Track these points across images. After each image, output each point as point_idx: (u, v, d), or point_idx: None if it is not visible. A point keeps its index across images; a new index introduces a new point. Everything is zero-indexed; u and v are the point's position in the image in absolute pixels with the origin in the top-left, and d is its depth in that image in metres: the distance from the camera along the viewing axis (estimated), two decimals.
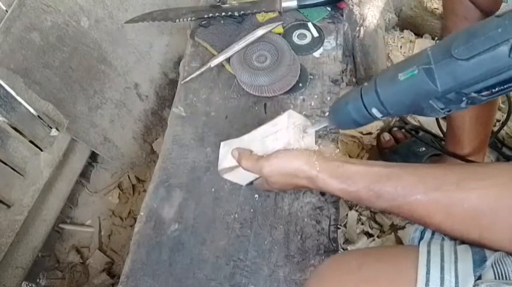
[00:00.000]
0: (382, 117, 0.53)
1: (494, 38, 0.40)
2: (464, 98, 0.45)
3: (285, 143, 0.62)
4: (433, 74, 0.45)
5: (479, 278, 0.41)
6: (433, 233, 0.52)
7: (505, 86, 0.42)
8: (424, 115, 0.50)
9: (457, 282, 0.41)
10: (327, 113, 0.82)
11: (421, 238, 0.53)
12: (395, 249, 0.67)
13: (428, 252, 0.45)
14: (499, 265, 0.41)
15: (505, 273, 0.40)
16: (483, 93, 0.44)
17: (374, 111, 0.52)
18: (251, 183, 0.73)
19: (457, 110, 0.47)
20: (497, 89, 0.42)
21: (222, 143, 0.72)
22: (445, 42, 0.45)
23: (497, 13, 0.42)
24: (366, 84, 0.53)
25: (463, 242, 0.47)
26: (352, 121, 0.55)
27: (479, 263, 0.42)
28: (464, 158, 0.91)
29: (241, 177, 0.70)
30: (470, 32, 0.42)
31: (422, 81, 0.46)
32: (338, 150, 0.63)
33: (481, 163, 0.94)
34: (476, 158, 0.93)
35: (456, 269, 0.42)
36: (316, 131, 0.66)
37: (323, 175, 0.57)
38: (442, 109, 0.47)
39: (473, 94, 0.44)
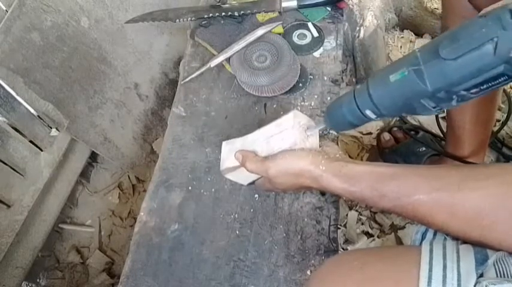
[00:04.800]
0: (376, 118, 0.54)
1: (479, 38, 0.42)
2: (454, 96, 0.46)
3: (291, 143, 0.62)
4: (422, 75, 0.46)
5: (481, 276, 0.41)
6: (434, 234, 0.52)
7: (493, 83, 0.44)
8: (417, 114, 0.51)
9: (459, 280, 0.41)
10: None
11: (423, 240, 0.53)
12: (397, 249, 0.67)
13: (431, 251, 0.45)
14: (500, 263, 0.41)
15: (506, 271, 0.41)
16: (472, 91, 0.45)
17: (368, 112, 0.53)
18: (253, 183, 0.73)
19: (448, 107, 0.49)
20: (485, 86, 0.44)
21: (223, 143, 0.72)
22: (433, 43, 0.46)
23: (480, 13, 0.43)
24: (358, 87, 0.55)
25: (464, 241, 0.47)
26: (348, 123, 0.57)
27: (481, 261, 0.42)
28: (463, 160, 0.91)
29: (243, 177, 0.70)
30: (456, 33, 0.44)
31: (413, 81, 0.47)
32: (341, 151, 0.63)
33: (484, 163, 0.94)
34: (477, 159, 0.93)
35: (458, 267, 0.42)
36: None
37: (328, 175, 0.57)
38: (433, 108, 0.49)
39: (462, 92, 0.45)
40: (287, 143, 0.62)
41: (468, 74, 0.43)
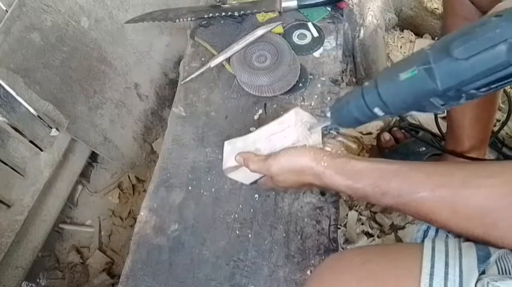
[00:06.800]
0: (384, 115, 0.53)
1: (493, 38, 0.41)
2: (463, 95, 0.46)
3: (293, 140, 0.62)
4: (433, 74, 0.46)
5: (483, 273, 0.41)
6: (436, 231, 0.52)
7: (503, 82, 0.44)
8: (424, 112, 0.51)
9: (461, 276, 0.41)
10: (328, 114, 0.82)
11: (424, 237, 0.53)
12: (399, 246, 0.67)
13: (433, 248, 0.45)
14: (503, 261, 0.41)
15: (508, 269, 0.41)
16: (482, 90, 0.45)
17: (376, 110, 0.53)
18: (255, 182, 0.73)
19: (456, 105, 0.49)
20: (495, 85, 0.44)
21: (225, 143, 0.72)
22: (444, 41, 0.46)
23: (495, 12, 0.43)
24: (366, 84, 0.54)
25: (467, 239, 0.47)
26: (354, 120, 0.56)
27: (483, 259, 0.42)
28: (464, 155, 0.91)
29: (246, 176, 0.70)
30: (468, 32, 0.44)
31: (423, 80, 0.47)
32: (343, 148, 0.63)
33: (487, 161, 0.94)
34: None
35: (460, 264, 0.42)
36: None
37: (330, 171, 0.57)
38: (442, 105, 0.48)
39: (472, 91, 0.45)
40: (289, 140, 0.62)
41: (480, 74, 0.43)
